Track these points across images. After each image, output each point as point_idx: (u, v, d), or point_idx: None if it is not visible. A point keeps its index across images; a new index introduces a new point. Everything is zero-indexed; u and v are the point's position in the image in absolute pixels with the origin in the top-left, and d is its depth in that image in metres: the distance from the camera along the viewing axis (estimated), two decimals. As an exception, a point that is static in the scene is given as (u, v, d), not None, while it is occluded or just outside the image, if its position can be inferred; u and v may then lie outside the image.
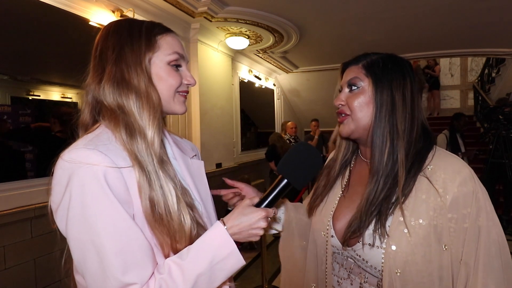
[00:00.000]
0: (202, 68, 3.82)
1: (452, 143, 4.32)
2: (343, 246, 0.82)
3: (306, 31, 4.16)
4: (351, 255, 0.81)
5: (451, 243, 0.69)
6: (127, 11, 2.71)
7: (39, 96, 2.28)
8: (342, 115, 0.84)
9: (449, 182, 0.71)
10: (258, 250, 3.69)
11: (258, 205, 0.73)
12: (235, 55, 4.79)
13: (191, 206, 0.74)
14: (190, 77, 0.78)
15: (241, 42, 4.16)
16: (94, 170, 0.61)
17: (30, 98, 2.23)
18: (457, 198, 0.69)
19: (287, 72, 6.56)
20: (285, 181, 0.75)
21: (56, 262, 0.73)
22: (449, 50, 5.24)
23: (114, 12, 2.64)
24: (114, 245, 0.60)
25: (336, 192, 0.91)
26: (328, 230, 0.86)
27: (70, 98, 2.50)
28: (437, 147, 0.80)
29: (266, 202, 0.74)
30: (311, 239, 0.93)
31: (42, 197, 2.11)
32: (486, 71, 7.43)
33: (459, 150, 4.30)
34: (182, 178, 0.79)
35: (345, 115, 0.83)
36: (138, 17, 2.83)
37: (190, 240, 0.69)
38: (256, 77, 5.79)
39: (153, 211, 0.65)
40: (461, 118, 4.38)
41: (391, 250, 0.71)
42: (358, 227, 0.75)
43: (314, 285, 0.92)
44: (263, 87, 6.26)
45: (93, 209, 0.60)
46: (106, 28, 0.75)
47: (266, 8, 3.48)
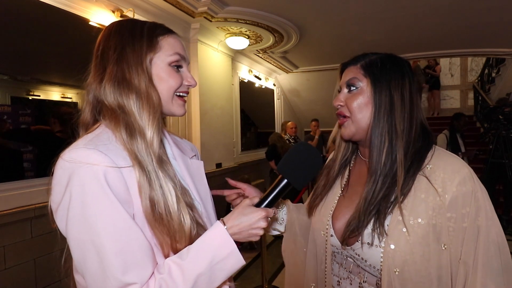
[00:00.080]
0: (202, 68, 3.82)
1: (452, 143, 4.32)
2: (342, 246, 0.82)
3: (306, 31, 4.16)
4: (351, 255, 0.81)
5: (450, 243, 0.69)
6: (127, 11, 2.71)
7: (39, 96, 2.28)
8: (341, 117, 0.84)
9: (448, 182, 0.71)
10: (258, 250, 3.69)
11: (258, 205, 0.73)
12: (235, 55, 4.79)
13: (191, 206, 0.74)
14: (190, 78, 0.78)
15: (241, 42, 4.16)
16: (94, 169, 0.61)
17: (30, 98, 2.23)
18: (456, 198, 0.69)
19: (287, 72, 6.55)
20: (285, 181, 0.75)
21: (56, 262, 0.73)
22: (449, 50, 5.25)
23: (114, 12, 2.64)
24: (114, 245, 0.60)
25: (335, 191, 0.91)
26: (327, 229, 0.86)
27: (70, 98, 2.50)
28: (436, 147, 0.80)
29: (266, 202, 0.74)
30: (311, 239, 0.93)
31: (42, 197, 2.11)
32: (486, 71, 7.43)
33: (459, 150, 4.30)
34: (182, 178, 0.80)
35: (345, 117, 0.83)
36: (138, 17, 2.83)
37: (190, 240, 0.69)
38: (256, 77, 5.79)
39: (153, 211, 0.65)
40: (461, 118, 4.38)
41: (390, 249, 0.71)
42: (356, 226, 0.75)
43: (314, 284, 0.92)
44: (263, 87, 6.26)
45: (93, 209, 0.60)
46: (109, 28, 0.75)
47: (266, 8, 3.48)
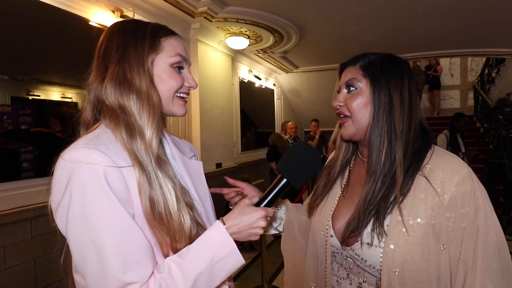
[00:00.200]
0: (202, 68, 3.82)
1: (452, 143, 4.32)
2: (342, 246, 0.82)
3: (306, 31, 4.16)
4: (350, 255, 0.81)
5: (449, 242, 0.69)
6: (127, 11, 2.71)
7: (39, 96, 2.28)
8: (342, 116, 0.84)
9: (447, 181, 0.71)
10: (258, 250, 3.69)
11: (257, 204, 0.73)
12: (235, 55, 4.79)
13: (191, 205, 0.74)
14: (192, 80, 0.79)
15: (241, 42, 4.16)
16: (95, 169, 0.61)
17: (30, 98, 2.23)
18: (455, 197, 0.69)
19: (287, 72, 6.55)
20: (284, 180, 0.75)
21: (56, 262, 0.73)
22: (449, 50, 5.25)
23: (114, 12, 2.64)
24: (114, 244, 0.60)
25: (335, 192, 0.91)
26: (327, 230, 0.86)
27: (70, 98, 2.50)
28: (435, 147, 0.80)
29: (266, 201, 0.74)
30: (311, 239, 0.93)
31: (42, 197, 2.11)
32: (486, 71, 7.43)
33: (460, 150, 4.30)
34: (181, 178, 0.80)
35: (345, 117, 0.83)
36: (138, 17, 2.83)
37: (190, 239, 0.69)
38: (256, 77, 5.79)
39: (152, 211, 0.65)
40: (461, 118, 4.38)
41: (390, 249, 0.71)
42: (356, 227, 0.75)
43: (314, 285, 0.92)
44: (263, 87, 6.26)
45: (93, 208, 0.60)
46: (111, 28, 0.75)
47: (266, 8, 3.48)
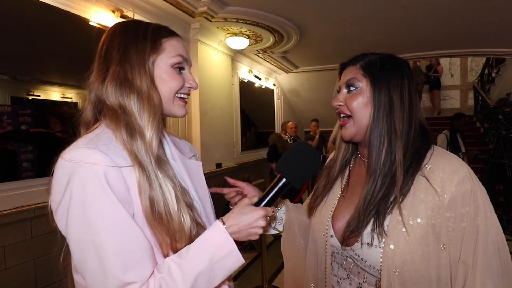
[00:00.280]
0: (202, 68, 3.82)
1: (452, 143, 4.31)
2: (342, 246, 0.82)
3: (306, 31, 4.16)
4: (350, 255, 0.81)
5: (449, 242, 0.69)
6: (127, 11, 2.71)
7: (39, 96, 2.28)
8: (342, 115, 0.84)
9: (447, 181, 0.71)
10: (258, 250, 3.69)
11: (257, 204, 0.73)
12: (235, 55, 4.79)
13: (191, 206, 0.74)
14: (192, 80, 0.79)
15: (241, 42, 4.16)
16: (95, 169, 0.61)
17: (30, 98, 2.23)
18: (455, 197, 0.69)
19: (287, 72, 6.55)
20: (284, 180, 0.75)
21: (56, 262, 0.73)
22: (449, 50, 5.24)
23: (114, 12, 2.64)
24: (114, 244, 0.60)
25: (335, 192, 0.91)
26: (327, 230, 0.86)
27: (70, 98, 2.50)
28: (435, 147, 0.80)
29: (265, 201, 0.74)
30: (311, 239, 0.93)
31: (42, 197, 2.11)
32: (486, 71, 7.42)
33: (460, 150, 4.30)
34: (181, 178, 0.80)
35: (346, 117, 0.82)
36: (138, 17, 2.83)
37: (190, 239, 0.69)
38: (256, 77, 5.79)
39: (152, 211, 0.65)
40: (461, 118, 4.38)
41: (389, 249, 0.71)
42: (356, 227, 0.75)
43: (314, 285, 0.92)
44: (263, 87, 6.26)
45: (93, 208, 0.60)
46: (113, 28, 0.75)
47: (266, 8, 3.48)
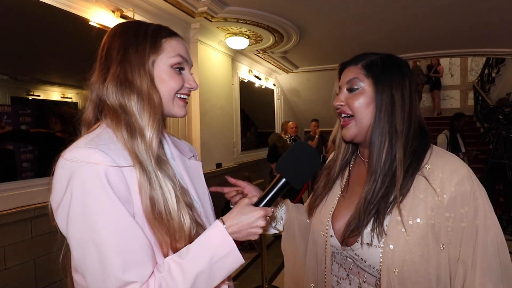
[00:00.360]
0: (202, 68, 3.82)
1: (452, 143, 4.31)
2: (342, 246, 0.82)
3: (306, 31, 4.16)
4: (350, 255, 0.81)
5: (449, 242, 0.69)
6: (127, 11, 2.71)
7: (39, 96, 2.28)
8: (343, 116, 0.83)
9: (446, 181, 0.71)
10: (258, 250, 3.69)
11: (257, 204, 0.73)
12: (235, 55, 4.79)
13: (190, 205, 0.74)
14: (192, 81, 0.79)
15: (241, 42, 4.16)
16: (96, 169, 0.61)
17: (30, 98, 2.23)
18: (454, 197, 0.69)
19: (287, 72, 6.55)
20: (283, 180, 0.75)
21: (56, 262, 0.73)
22: (449, 50, 5.25)
23: (114, 12, 2.64)
24: (115, 244, 0.60)
25: (335, 192, 0.91)
26: (327, 230, 0.86)
27: (70, 98, 2.50)
28: (434, 146, 0.80)
29: (265, 201, 0.74)
30: (311, 239, 0.93)
31: (42, 197, 2.12)
32: (486, 71, 7.43)
33: (460, 150, 4.30)
34: (181, 178, 0.80)
35: (348, 117, 0.82)
36: (138, 17, 2.83)
37: (190, 239, 0.69)
38: (256, 77, 5.79)
39: (153, 210, 0.66)
40: (461, 118, 4.38)
41: (389, 249, 0.71)
42: (356, 226, 0.75)
43: (313, 285, 0.92)
44: (263, 87, 6.26)
45: (94, 208, 0.60)
46: (114, 29, 0.76)
47: (266, 8, 3.48)
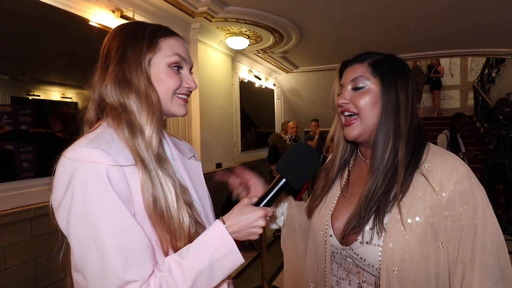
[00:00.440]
0: (202, 68, 3.82)
1: (452, 143, 4.31)
2: (342, 245, 0.82)
3: (306, 31, 4.16)
4: (350, 254, 0.82)
5: (448, 241, 0.70)
6: (127, 11, 2.71)
7: (39, 96, 2.28)
8: (346, 114, 0.82)
9: (445, 180, 0.71)
10: (258, 250, 3.69)
11: (257, 204, 0.74)
12: (235, 55, 4.79)
13: (190, 204, 0.74)
14: (191, 81, 0.78)
15: (241, 42, 4.16)
16: (97, 168, 0.61)
17: (30, 98, 2.23)
18: (453, 196, 0.70)
19: (287, 72, 6.56)
20: (283, 180, 0.75)
21: (56, 262, 0.73)
22: (449, 50, 5.25)
23: (114, 12, 2.64)
24: (116, 243, 0.60)
25: (334, 192, 0.91)
26: (326, 229, 0.86)
27: (70, 98, 2.50)
28: (431, 145, 0.81)
29: (265, 201, 0.74)
30: (311, 239, 0.93)
31: (42, 197, 2.12)
32: (486, 71, 7.43)
33: (460, 150, 4.30)
34: (181, 177, 0.80)
35: (352, 115, 0.81)
36: (138, 17, 2.83)
37: (189, 238, 0.69)
38: (256, 77, 5.80)
39: (155, 208, 0.66)
40: (461, 118, 4.38)
41: (388, 247, 0.71)
42: (357, 223, 0.76)
43: (313, 285, 0.92)
44: (263, 87, 6.26)
45: (95, 207, 0.60)
46: (115, 29, 0.77)
47: (266, 8, 3.49)
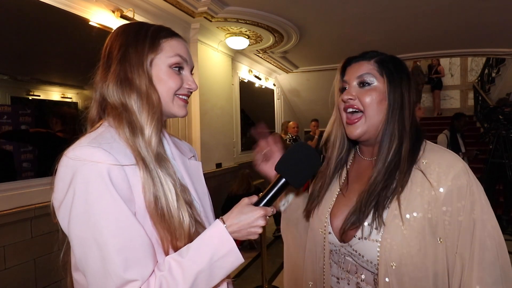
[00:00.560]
0: (202, 68, 3.83)
1: (452, 143, 4.31)
2: (340, 242, 0.82)
3: (306, 31, 4.17)
4: (348, 251, 0.82)
5: (446, 236, 0.70)
6: (127, 11, 2.71)
7: (39, 96, 2.28)
8: (350, 111, 0.82)
9: (443, 175, 0.72)
10: (258, 250, 3.69)
11: (256, 204, 0.74)
12: (235, 55, 4.80)
13: (190, 203, 0.75)
14: (192, 82, 0.79)
15: (241, 42, 4.17)
16: (99, 168, 0.61)
17: (30, 98, 2.24)
18: (451, 191, 0.70)
19: (287, 72, 6.56)
20: (283, 180, 0.75)
21: (56, 262, 0.73)
22: (449, 50, 5.26)
23: (114, 12, 2.64)
24: (117, 242, 0.60)
25: (333, 190, 0.91)
26: (325, 227, 0.86)
27: (70, 98, 2.50)
28: (428, 141, 0.82)
29: (265, 201, 0.74)
30: (310, 238, 0.93)
31: (42, 197, 2.12)
32: (486, 71, 7.43)
33: (460, 150, 4.29)
34: (181, 177, 0.80)
35: (356, 113, 0.81)
36: (138, 17, 2.83)
37: (189, 237, 0.70)
38: (256, 77, 5.80)
39: (156, 207, 0.66)
40: (461, 118, 4.37)
41: (387, 243, 0.72)
42: (357, 218, 0.76)
43: (312, 283, 0.92)
44: (263, 87, 6.26)
45: (96, 206, 0.60)
46: (117, 29, 0.77)
47: (266, 8, 3.49)
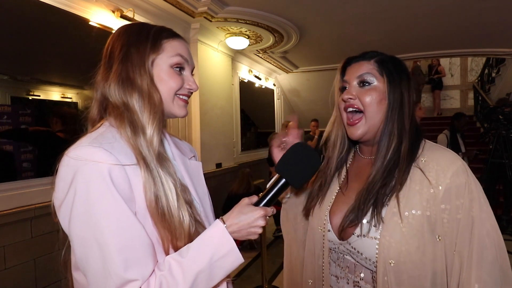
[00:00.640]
0: (202, 68, 3.83)
1: (452, 143, 4.31)
2: (339, 240, 0.82)
3: (306, 31, 4.17)
4: (347, 249, 0.82)
5: (445, 234, 0.70)
6: (127, 11, 2.71)
7: (39, 96, 2.29)
8: (350, 110, 0.82)
9: (441, 173, 0.72)
10: (258, 250, 3.69)
11: (256, 204, 0.74)
12: (235, 55, 4.80)
13: (190, 203, 0.75)
14: (192, 82, 0.79)
15: (241, 42, 4.17)
16: (100, 167, 0.61)
17: (30, 98, 2.24)
18: (449, 189, 0.70)
19: (287, 72, 6.56)
20: (283, 180, 0.75)
21: (56, 262, 0.73)
22: (449, 50, 5.26)
23: (114, 12, 2.64)
24: (117, 242, 0.60)
25: (333, 189, 0.92)
26: (325, 224, 0.86)
27: (70, 98, 2.50)
28: (427, 140, 0.82)
29: (265, 201, 0.74)
30: (309, 236, 0.93)
31: (42, 197, 2.12)
32: (486, 71, 7.43)
33: (460, 150, 4.29)
34: (181, 177, 0.80)
35: (356, 112, 0.82)
36: (138, 17, 2.84)
37: (189, 237, 0.70)
38: (256, 77, 5.80)
39: (157, 206, 0.66)
40: (461, 118, 4.37)
41: (385, 240, 0.72)
42: (356, 216, 0.76)
43: (311, 281, 0.93)
44: (263, 87, 6.26)
45: (97, 206, 0.60)
46: (118, 30, 0.78)
47: (266, 8, 3.49)
